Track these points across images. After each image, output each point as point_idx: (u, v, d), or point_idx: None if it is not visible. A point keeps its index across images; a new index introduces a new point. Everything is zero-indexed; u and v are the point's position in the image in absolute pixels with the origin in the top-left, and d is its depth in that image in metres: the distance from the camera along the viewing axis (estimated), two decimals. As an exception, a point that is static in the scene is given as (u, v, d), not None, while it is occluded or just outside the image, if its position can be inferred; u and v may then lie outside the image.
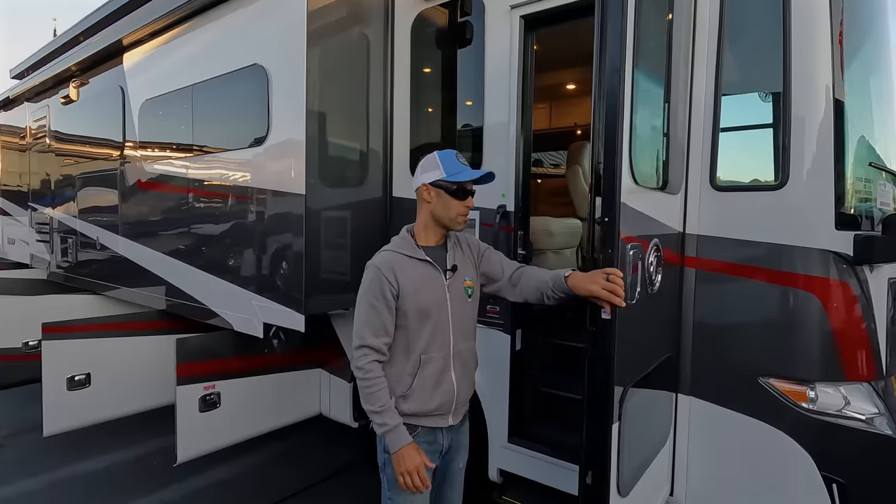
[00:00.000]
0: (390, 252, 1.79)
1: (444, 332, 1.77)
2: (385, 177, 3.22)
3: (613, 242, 1.51)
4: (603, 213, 1.54)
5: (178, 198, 3.59)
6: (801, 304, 1.99)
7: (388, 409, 1.67)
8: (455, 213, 1.78)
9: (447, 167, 1.76)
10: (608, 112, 1.50)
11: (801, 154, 1.96)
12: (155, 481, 3.31)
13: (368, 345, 1.69)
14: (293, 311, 2.80)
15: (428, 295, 1.75)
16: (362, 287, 1.75)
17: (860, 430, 1.99)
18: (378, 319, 1.70)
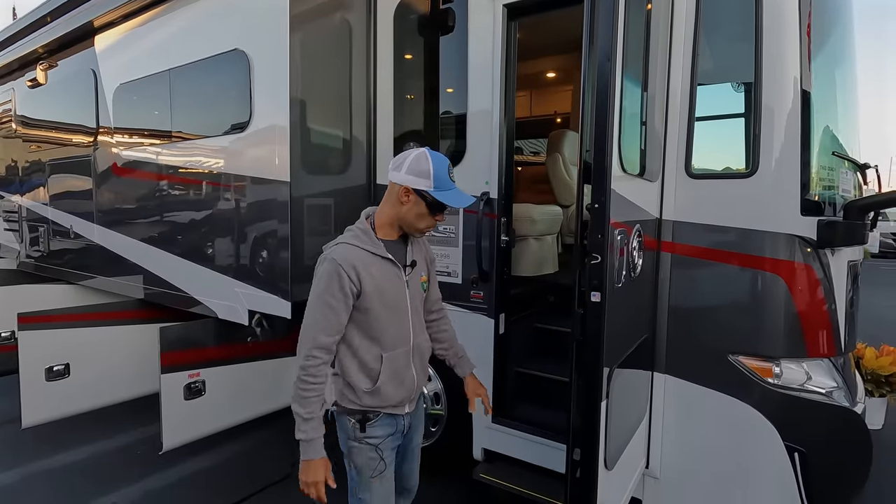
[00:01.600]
0: (349, 246, 1.65)
1: (404, 328, 1.74)
2: (369, 164, 3.24)
3: (604, 228, 1.57)
4: (593, 199, 1.60)
5: (157, 185, 3.54)
6: (768, 285, 2.10)
7: (315, 419, 1.61)
8: (423, 226, 1.70)
9: (437, 181, 1.62)
10: (599, 99, 1.56)
11: (771, 143, 2.06)
12: (138, 471, 3.30)
13: (321, 345, 1.60)
14: (279, 298, 2.81)
15: (390, 293, 1.69)
16: (318, 282, 1.63)
17: (820, 402, 2.14)
18: (334, 318, 1.60)
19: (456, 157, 2.90)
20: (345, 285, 1.59)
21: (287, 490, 3.13)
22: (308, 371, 1.59)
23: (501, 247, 2.79)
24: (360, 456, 1.73)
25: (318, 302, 1.62)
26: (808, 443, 2.12)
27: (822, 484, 2.15)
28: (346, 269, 1.60)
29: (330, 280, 1.60)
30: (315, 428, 1.61)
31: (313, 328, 1.61)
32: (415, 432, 1.95)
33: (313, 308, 1.63)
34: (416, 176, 1.64)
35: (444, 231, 2.97)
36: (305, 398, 1.59)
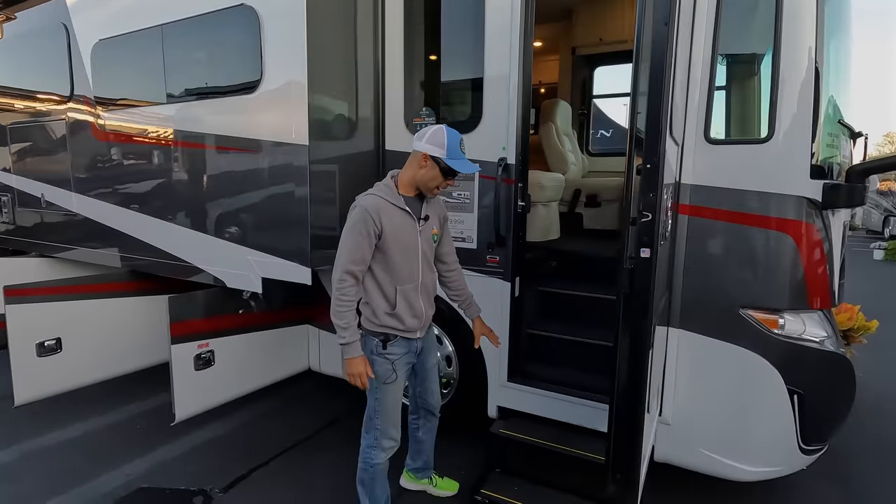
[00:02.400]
0: (376, 197, 2.09)
1: (414, 268, 2.17)
2: (377, 130, 3.19)
3: (656, 187, 1.66)
4: (645, 160, 1.68)
5: (151, 151, 3.36)
6: (778, 244, 2.28)
7: (351, 327, 2.05)
8: (433, 185, 2.12)
9: (450, 150, 2.04)
10: (655, 62, 1.62)
11: (787, 111, 2.20)
12: (141, 445, 3.23)
13: (349, 271, 2.04)
14: (298, 264, 2.78)
15: (404, 237, 2.11)
16: (350, 223, 2.06)
17: (816, 349, 2.36)
18: (360, 252, 2.04)
19: (471, 122, 2.91)
20: (370, 227, 2.02)
21: (303, 456, 3.17)
22: (341, 291, 2.03)
23: (518, 212, 2.86)
24: (379, 367, 2.18)
25: (348, 237, 2.05)
26: (806, 385, 2.35)
27: (815, 420, 2.40)
28: (372, 214, 2.03)
29: (359, 221, 2.03)
30: (352, 334, 2.05)
31: (344, 258, 2.04)
32: (427, 354, 2.41)
33: (345, 242, 2.06)
34: (434, 145, 2.06)
35: (458, 197, 3.00)
36: (341, 312, 2.04)
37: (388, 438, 2.27)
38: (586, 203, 4.44)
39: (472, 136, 2.90)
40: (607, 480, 1.89)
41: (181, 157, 3.25)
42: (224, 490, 2.81)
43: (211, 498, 2.74)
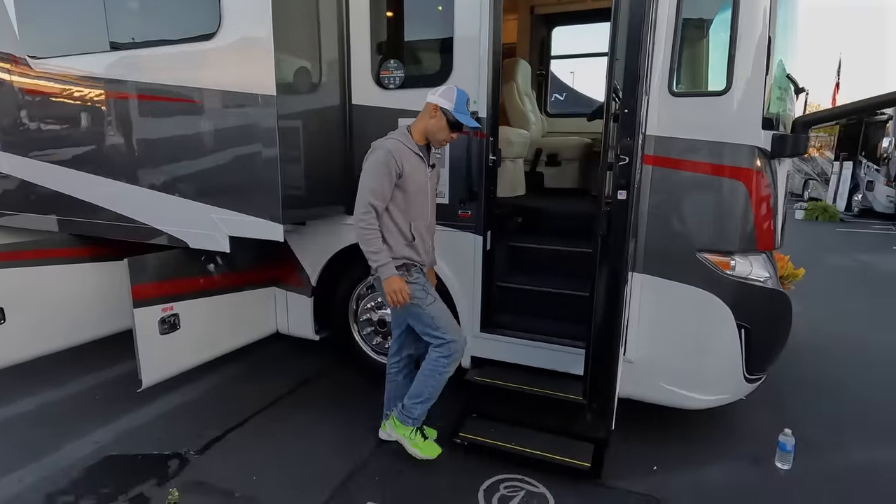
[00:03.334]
0: (396, 141, 2.36)
1: (425, 208, 2.48)
2: (343, 82, 3.10)
3: (634, 132, 1.74)
4: (623, 105, 1.75)
5: (93, 106, 3.10)
6: (732, 190, 2.46)
7: (383, 251, 2.31)
8: (442, 137, 2.42)
9: (457, 105, 2.35)
10: (634, 12, 1.67)
11: (742, 66, 2.34)
12: (103, 415, 3.11)
13: (371, 204, 2.28)
14: (268, 221, 2.71)
15: (419, 178, 2.40)
16: (372, 162, 2.31)
17: (761, 287, 2.60)
18: (382, 188, 2.29)
19: (441, 76, 2.89)
20: (391, 166, 2.29)
21: (278, 415, 3.17)
22: (366, 221, 2.28)
23: (489, 166, 2.91)
24: (414, 290, 2.42)
25: (372, 175, 2.29)
26: (752, 320, 2.59)
27: (758, 352, 2.67)
28: (394, 155, 2.30)
29: (382, 161, 2.28)
30: (384, 256, 2.31)
31: (367, 192, 2.28)
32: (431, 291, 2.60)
33: (367, 179, 2.30)
34: (444, 98, 2.36)
35: (429, 152, 3.00)
36: (369, 239, 2.29)
37: (458, 343, 2.49)
38: (547, 162, 4.56)
39: (442, 90, 2.89)
40: (585, 410, 2.04)
41: (129, 111, 3.03)
42: (200, 452, 2.78)
43: (187, 460, 2.70)
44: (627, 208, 1.82)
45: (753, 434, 2.98)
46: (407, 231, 2.41)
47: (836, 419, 3.16)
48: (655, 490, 2.48)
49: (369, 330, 3.48)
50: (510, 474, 2.58)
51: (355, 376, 3.60)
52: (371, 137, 3.08)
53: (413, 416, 2.60)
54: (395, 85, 3.02)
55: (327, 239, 3.39)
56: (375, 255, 2.30)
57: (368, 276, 3.42)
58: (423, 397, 2.55)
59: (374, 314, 3.42)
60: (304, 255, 3.53)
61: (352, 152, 3.17)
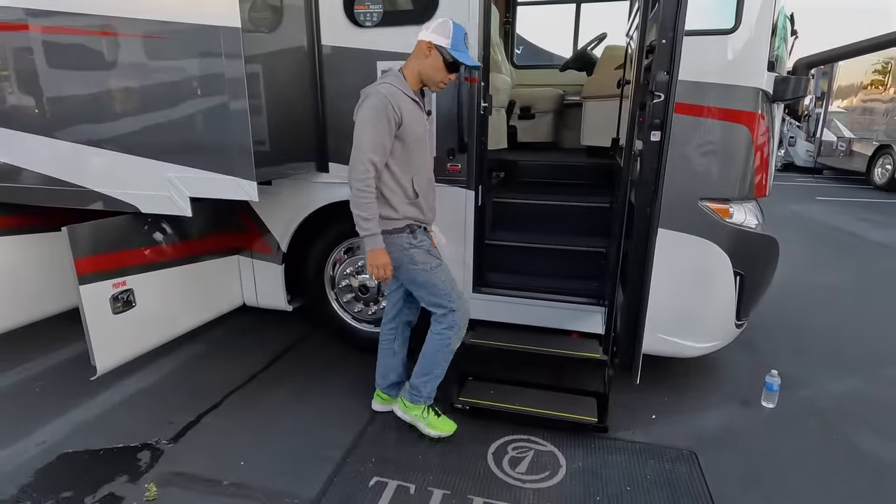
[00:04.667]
0: (391, 86, 2.07)
1: (427, 159, 2.27)
2: (311, 19, 2.72)
3: (671, 65, 1.59)
4: (660, 36, 1.59)
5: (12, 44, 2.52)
6: (735, 135, 2.41)
7: (375, 219, 2.07)
8: (438, 79, 2.14)
9: (454, 41, 2.06)
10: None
11: (751, 2, 2.24)
12: (48, 409, 2.71)
13: (371, 161, 2.01)
14: (239, 178, 2.35)
15: (417, 128, 2.15)
16: (368, 111, 2.02)
17: (755, 233, 2.61)
18: (381, 139, 2.02)
19: (424, 11, 2.60)
20: (390, 114, 2.01)
21: (257, 392, 2.91)
22: (364, 182, 2.01)
23: (481, 114, 2.68)
24: (420, 256, 2.23)
25: (368, 126, 2.00)
26: (745, 266, 2.61)
27: (748, 298, 2.71)
28: (392, 101, 2.02)
29: (380, 108, 2.00)
30: (375, 225, 2.07)
31: (365, 148, 2.00)
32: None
33: (364, 131, 2.01)
34: (439, 34, 2.07)
35: (413, 100, 2.72)
36: (365, 203, 2.04)
37: (462, 313, 2.33)
38: (520, 115, 4.38)
39: (427, 29, 2.60)
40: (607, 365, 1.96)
41: (58, 50, 2.50)
42: (173, 440, 2.49)
43: (160, 451, 2.41)
44: (661, 150, 1.69)
45: (737, 377, 3.09)
46: (409, 187, 2.17)
47: (804, 356, 3.35)
48: (661, 439, 2.50)
49: (349, 297, 3.24)
50: (516, 435, 2.51)
51: (335, 346, 3.38)
52: (345, 82, 2.79)
53: (424, 395, 2.44)
54: (373, 22, 2.68)
55: (298, 199, 3.06)
56: (367, 222, 2.06)
57: (346, 239, 3.17)
58: (432, 374, 2.40)
59: (354, 280, 3.18)
60: (271, 218, 3.18)
61: (323, 100, 2.83)
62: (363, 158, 2.00)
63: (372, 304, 3.20)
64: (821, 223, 7.50)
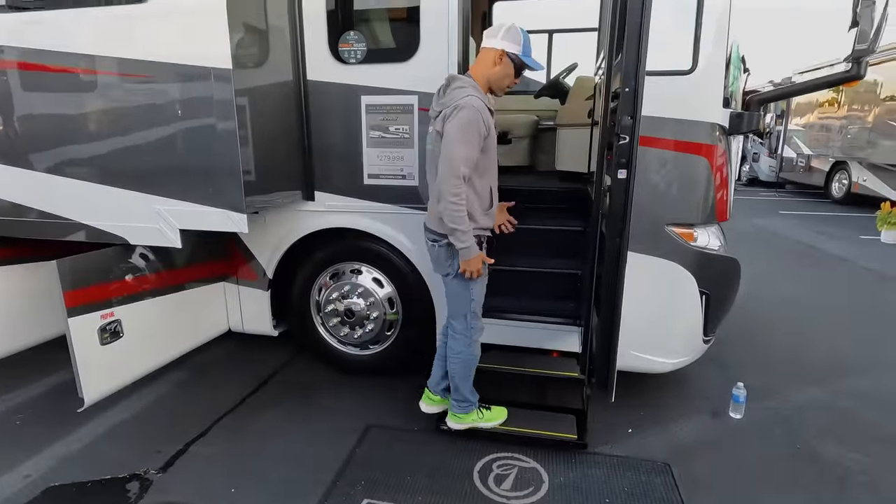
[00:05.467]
0: (477, 98, 2.09)
1: (496, 165, 2.29)
2: (297, 56, 2.84)
3: (634, 111, 1.75)
4: (623, 84, 1.75)
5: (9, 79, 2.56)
6: (697, 166, 2.60)
7: (469, 231, 2.12)
8: (506, 83, 2.21)
9: (525, 47, 2.12)
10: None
11: (704, 45, 2.45)
12: (32, 441, 2.69)
13: (462, 175, 2.04)
14: (227, 210, 2.43)
15: (495, 138, 2.20)
16: (461, 124, 2.02)
17: (718, 255, 2.80)
18: (473, 153, 2.06)
19: (407, 51, 2.75)
20: (481, 127, 2.05)
21: (246, 417, 2.94)
22: (457, 195, 2.04)
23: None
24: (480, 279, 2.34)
25: (461, 139, 2.02)
26: (710, 286, 2.79)
27: (714, 315, 2.89)
28: (482, 114, 2.05)
29: (471, 121, 2.02)
30: (471, 236, 2.14)
31: (458, 161, 2.02)
32: None
33: (457, 145, 2.02)
34: (510, 41, 2.12)
35: (396, 132, 2.86)
36: (459, 215, 2.07)
37: (479, 328, 2.45)
38: (498, 140, 4.54)
39: (409, 66, 2.75)
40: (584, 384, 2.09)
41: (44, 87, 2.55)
42: (162, 470, 2.50)
43: (149, 481, 2.43)
44: (627, 187, 1.85)
45: (706, 390, 3.25)
46: (486, 196, 2.22)
47: (769, 367, 3.55)
48: (637, 451, 2.63)
49: (335, 321, 3.31)
50: (500, 453, 2.61)
51: (320, 369, 3.43)
52: (329, 115, 2.91)
53: (469, 401, 2.56)
54: (357, 59, 2.81)
55: (284, 227, 3.15)
56: (464, 234, 2.10)
57: (331, 264, 3.25)
58: (464, 382, 2.52)
59: (340, 304, 3.25)
60: (257, 246, 3.25)
61: (309, 132, 2.94)
62: (456, 172, 2.01)
63: (357, 328, 3.28)
64: (784, 237, 7.88)
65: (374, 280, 3.20)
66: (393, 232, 3.01)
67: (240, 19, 2.44)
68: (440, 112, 2.16)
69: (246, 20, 2.51)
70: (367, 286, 3.20)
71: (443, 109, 2.14)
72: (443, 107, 2.15)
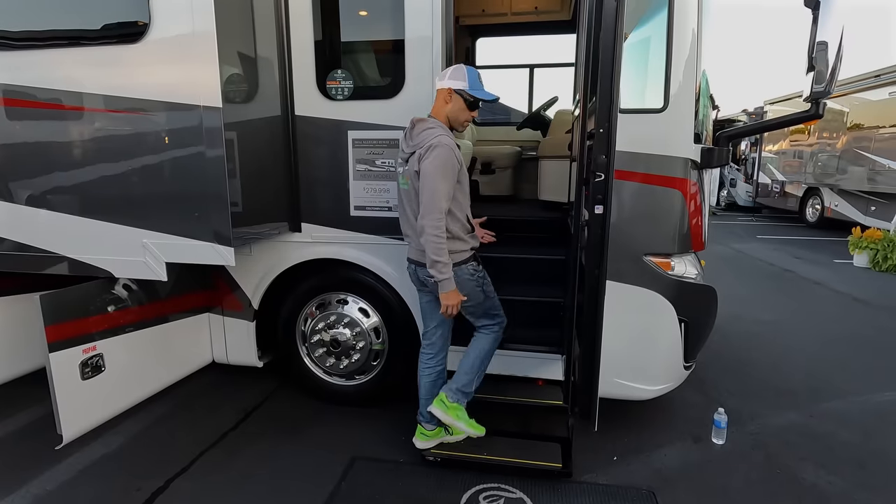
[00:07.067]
0: (447, 136, 2.27)
1: (468, 195, 2.45)
2: (284, 93, 2.92)
3: (609, 149, 1.84)
4: (598, 125, 1.85)
5: None
6: (671, 198, 2.70)
7: (449, 263, 2.23)
8: (463, 119, 2.37)
9: (471, 82, 2.28)
10: (606, 37, 1.77)
11: (677, 84, 2.58)
12: (5, 482, 2.62)
13: (442, 209, 2.19)
14: (215, 244, 2.46)
15: (464, 170, 2.35)
16: (437, 162, 2.17)
17: (695, 284, 2.89)
18: (450, 188, 2.22)
19: (392, 88, 2.85)
20: (454, 162, 2.22)
21: (230, 451, 2.89)
22: (439, 228, 2.19)
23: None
24: (486, 284, 2.53)
25: (439, 177, 2.17)
26: (689, 314, 2.87)
27: (693, 342, 2.96)
28: (455, 151, 2.23)
29: (447, 159, 2.19)
30: (449, 269, 2.24)
31: (439, 197, 2.18)
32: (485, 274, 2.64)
33: (436, 182, 2.17)
34: (455, 80, 2.30)
35: (382, 165, 2.93)
36: (441, 248, 2.20)
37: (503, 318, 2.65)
38: (481, 171, 4.67)
39: (394, 103, 2.85)
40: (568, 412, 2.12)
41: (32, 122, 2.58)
42: (142, 508, 2.45)
43: (128, 520, 2.37)
44: (604, 222, 1.93)
45: (688, 415, 3.30)
46: (465, 220, 2.40)
47: (748, 392, 3.62)
48: (622, 479, 2.65)
49: (321, 351, 3.31)
50: (487, 483, 2.61)
51: (305, 400, 3.41)
52: (317, 149, 2.98)
53: (470, 391, 2.63)
54: (344, 96, 2.90)
55: (270, 258, 3.17)
56: (445, 266, 2.22)
57: (317, 294, 3.27)
58: (480, 370, 2.63)
59: (326, 334, 3.26)
60: (243, 276, 3.26)
61: (296, 165, 3.00)
62: (439, 206, 2.17)
63: (343, 358, 3.28)
64: (762, 261, 8.09)
65: (361, 310, 3.22)
66: (379, 262, 3.06)
67: (230, 59, 2.52)
68: (412, 153, 2.29)
69: (236, 60, 2.59)
70: (353, 316, 3.22)
71: (415, 150, 2.28)
72: (415, 148, 2.28)
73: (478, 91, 2.30)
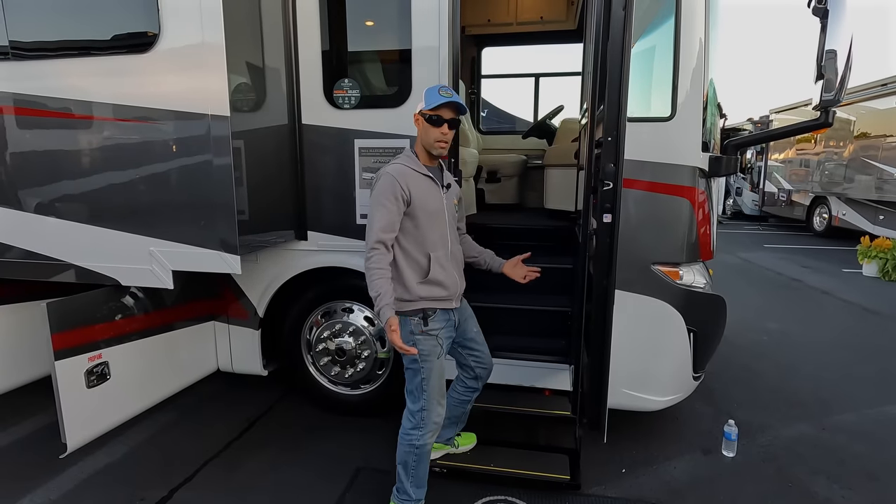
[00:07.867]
0: (401, 165, 2.12)
1: (444, 234, 2.19)
2: (292, 101, 2.93)
3: (617, 158, 1.83)
4: (606, 133, 1.84)
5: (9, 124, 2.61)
6: (679, 207, 2.68)
7: (382, 294, 1.99)
8: (432, 140, 2.12)
9: (427, 100, 2.08)
10: (613, 46, 1.77)
11: (682, 93, 2.57)
12: (7, 491, 2.61)
13: (380, 240, 2.03)
14: (221, 252, 2.46)
15: (431, 203, 2.14)
16: (377, 191, 2.07)
17: (703, 293, 2.86)
18: (389, 218, 2.04)
19: (399, 97, 2.86)
20: (397, 192, 2.04)
21: (233, 461, 2.87)
22: (374, 260, 2.02)
23: (451, 187, 2.90)
24: (423, 345, 2.13)
25: (377, 206, 2.04)
26: (698, 323, 2.84)
27: (702, 352, 2.93)
28: (398, 179, 2.05)
29: (386, 187, 2.04)
30: (382, 299, 1.98)
31: (374, 227, 2.03)
32: (467, 323, 2.44)
33: (374, 211, 2.05)
34: (420, 104, 2.13)
35: (388, 174, 2.93)
36: (373, 280, 2.01)
37: (435, 416, 2.21)
38: (487, 179, 4.66)
39: (401, 112, 2.85)
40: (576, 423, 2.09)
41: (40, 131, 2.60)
42: (145, 518, 2.43)
43: (131, 531, 2.35)
44: (613, 231, 1.91)
45: (698, 426, 3.26)
46: (424, 264, 2.11)
47: (759, 403, 3.57)
48: (631, 492, 2.61)
49: (326, 360, 3.29)
50: (493, 496, 2.57)
51: (310, 409, 3.39)
52: (323, 157, 2.98)
53: (410, 498, 2.28)
54: (351, 105, 2.91)
55: (276, 266, 3.17)
56: (376, 298, 1.99)
57: (323, 303, 3.26)
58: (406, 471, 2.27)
59: (332, 343, 3.24)
60: (248, 284, 3.25)
61: (303, 173, 3.01)
62: (372, 238, 2.02)
63: (349, 367, 3.26)
64: (769, 270, 8.03)
65: (366, 318, 3.21)
66: (385, 271, 3.04)
67: (238, 68, 2.54)
68: None
69: (244, 69, 2.61)
70: (358, 324, 3.20)
71: None
72: None
73: (429, 102, 2.07)
